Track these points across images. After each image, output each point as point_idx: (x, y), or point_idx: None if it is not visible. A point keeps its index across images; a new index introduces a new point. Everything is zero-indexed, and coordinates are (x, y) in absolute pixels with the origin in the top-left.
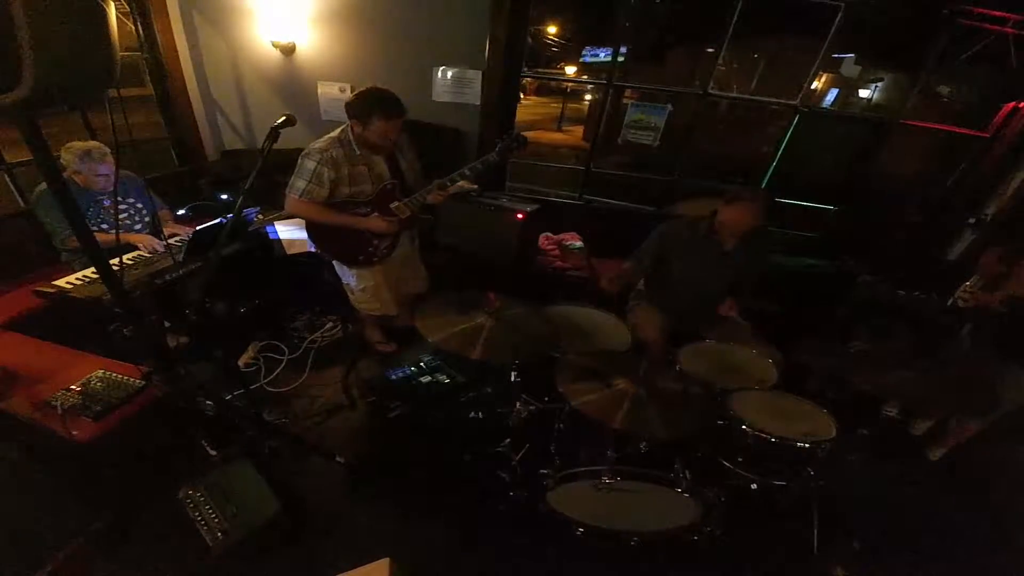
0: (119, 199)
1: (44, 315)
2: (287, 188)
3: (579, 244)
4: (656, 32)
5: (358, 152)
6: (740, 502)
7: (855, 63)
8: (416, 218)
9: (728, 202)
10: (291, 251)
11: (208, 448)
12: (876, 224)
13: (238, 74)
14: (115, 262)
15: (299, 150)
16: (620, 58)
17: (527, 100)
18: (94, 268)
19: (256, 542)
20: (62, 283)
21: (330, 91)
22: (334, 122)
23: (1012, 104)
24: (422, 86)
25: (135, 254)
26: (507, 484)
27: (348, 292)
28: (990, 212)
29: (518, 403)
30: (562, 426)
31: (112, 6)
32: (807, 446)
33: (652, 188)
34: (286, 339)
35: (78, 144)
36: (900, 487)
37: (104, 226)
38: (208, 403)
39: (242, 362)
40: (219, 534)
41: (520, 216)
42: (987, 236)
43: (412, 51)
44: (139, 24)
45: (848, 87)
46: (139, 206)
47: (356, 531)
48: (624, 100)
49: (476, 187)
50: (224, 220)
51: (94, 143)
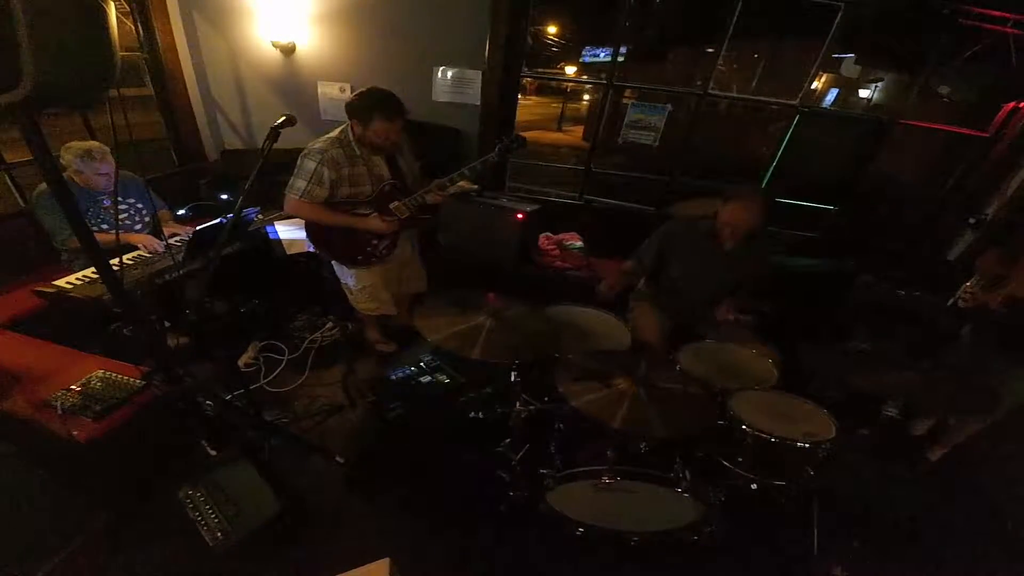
0: (119, 199)
1: (44, 315)
2: (287, 188)
3: (579, 244)
4: (656, 32)
5: (358, 152)
6: (740, 502)
7: (855, 63)
8: (416, 218)
9: (726, 200)
10: (291, 251)
11: (208, 448)
12: (876, 224)
13: (238, 74)
14: (115, 262)
15: (299, 150)
16: (620, 58)
17: (527, 100)
18: (94, 268)
19: (256, 542)
20: (62, 283)
21: (330, 91)
22: (334, 122)
23: (1012, 104)
24: (422, 86)
25: (135, 254)
26: (507, 484)
27: (347, 292)
28: (990, 212)
29: (518, 403)
30: (562, 426)
31: (112, 6)
32: (807, 446)
33: (652, 188)
34: (286, 339)
35: (78, 144)
36: (900, 487)
37: (104, 226)
38: (208, 403)
39: (242, 362)
40: (219, 534)
41: (520, 216)
42: (987, 236)
43: (412, 51)
44: (139, 24)
45: (848, 87)
46: (139, 206)
47: (356, 531)
48: (624, 100)
49: (476, 187)
50: (224, 220)
51: (94, 143)
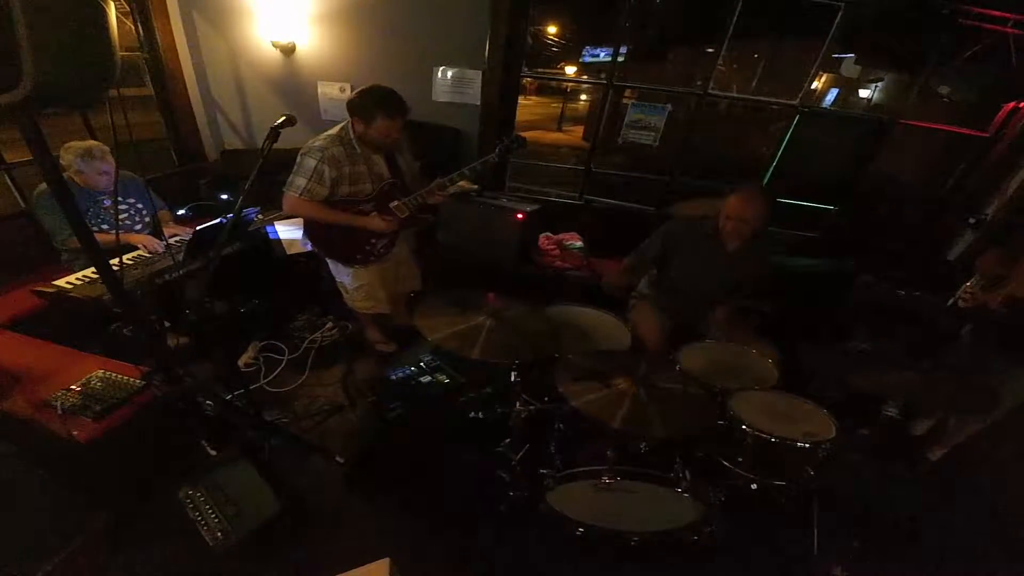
0: (119, 199)
1: (44, 315)
2: (285, 186)
3: (579, 244)
4: (656, 32)
5: (359, 150)
6: (740, 502)
7: (855, 63)
8: (415, 217)
9: (730, 193)
10: (291, 251)
11: (208, 448)
12: (876, 224)
13: (238, 74)
14: (115, 262)
15: (299, 150)
16: (620, 58)
17: (527, 100)
18: (94, 268)
19: (256, 542)
20: (62, 283)
21: (330, 91)
22: (334, 122)
23: (1012, 104)
24: (422, 86)
25: (135, 254)
26: (507, 484)
27: (342, 291)
28: (990, 212)
29: (518, 403)
30: (562, 426)
31: (112, 6)
32: (807, 446)
33: (652, 188)
34: (286, 339)
35: (77, 144)
36: (900, 487)
37: (104, 226)
38: (208, 403)
39: (242, 362)
40: (219, 534)
41: (520, 216)
42: (987, 236)
43: (412, 51)
44: (139, 24)
45: (848, 87)
46: (139, 206)
47: (356, 531)
48: (624, 100)
49: (476, 187)
50: (224, 220)
51: (93, 142)
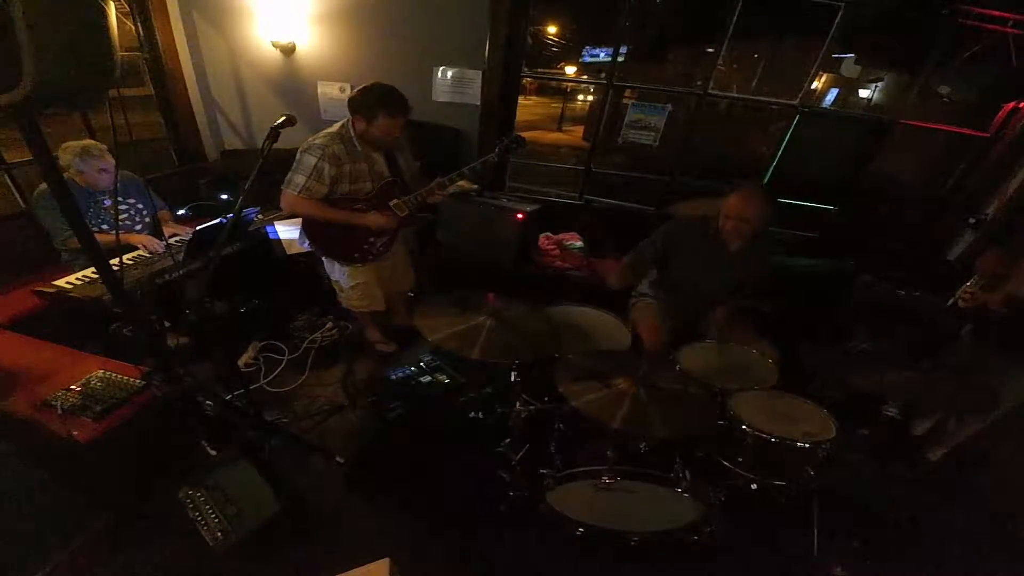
0: (119, 199)
1: (44, 315)
2: (284, 184)
3: (579, 244)
4: (656, 32)
5: (359, 148)
6: (740, 502)
7: (855, 63)
8: (414, 216)
9: (729, 193)
10: (291, 251)
11: (208, 448)
12: (876, 224)
13: (238, 74)
14: (115, 262)
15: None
16: (620, 58)
17: (527, 100)
18: (94, 268)
19: (256, 542)
20: (62, 283)
21: (330, 91)
22: (334, 122)
23: (1012, 104)
24: (422, 86)
25: (135, 254)
26: (507, 484)
27: (337, 289)
28: (990, 212)
29: (518, 403)
30: (562, 426)
31: (112, 6)
32: (807, 446)
33: (652, 188)
34: (286, 339)
35: (74, 143)
36: (900, 487)
37: (104, 226)
38: (208, 403)
39: (242, 362)
40: (219, 534)
41: (520, 216)
42: (987, 236)
43: (412, 51)
44: (139, 24)
45: (848, 87)
46: (139, 206)
47: (356, 531)
48: (624, 100)
49: (476, 187)
50: (224, 220)
51: (90, 141)
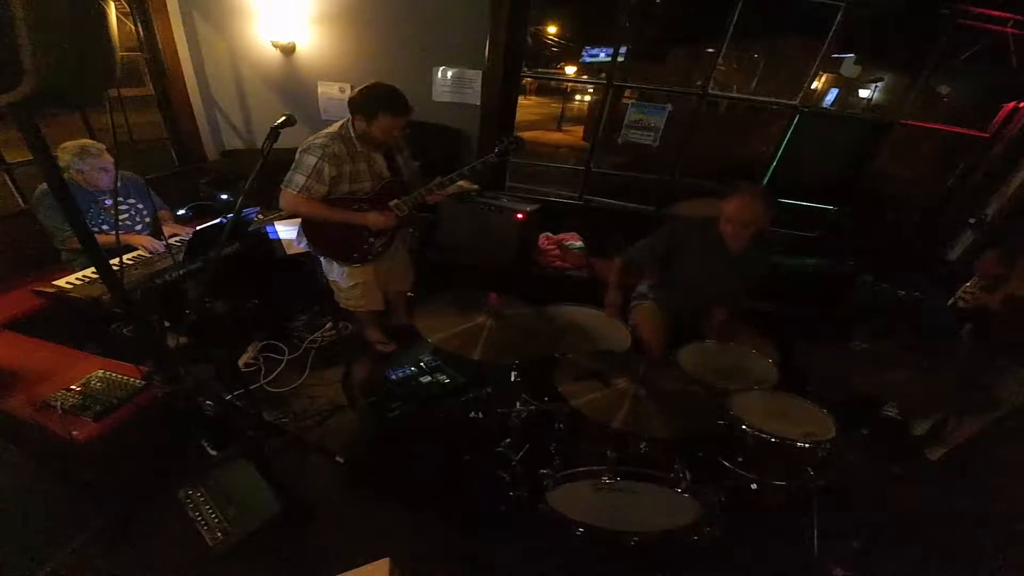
0: (120, 199)
1: (44, 315)
2: (283, 183)
3: (579, 244)
4: (656, 32)
5: (359, 148)
6: (740, 502)
7: (855, 63)
8: (413, 216)
9: (729, 197)
10: (291, 251)
11: (208, 448)
12: (876, 224)
13: (238, 74)
14: (115, 262)
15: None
16: (620, 58)
17: (527, 100)
18: (94, 268)
19: (256, 542)
20: (62, 283)
21: (330, 91)
22: (334, 122)
23: (1012, 104)
24: (422, 86)
25: (135, 254)
26: (507, 484)
27: (335, 289)
28: (990, 212)
29: (518, 403)
30: (562, 426)
31: (112, 6)
32: (807, 446)
33: (652, 188)
34: (286, 339)
35: (72, 143)
36: (900, 487)
37: (104, 227)
38: (208, 403)
39: (242, 362)
40: (219, 534)
41: (520, 216)
42: (987, 236)
43: (412, 51)
44: (139, 24)
45: (848, 87)
46: (140, 207)
47: (356, 531)
48: (624, 100)
49: (476, 187)
50: (224, 220)
51: (87, 140)
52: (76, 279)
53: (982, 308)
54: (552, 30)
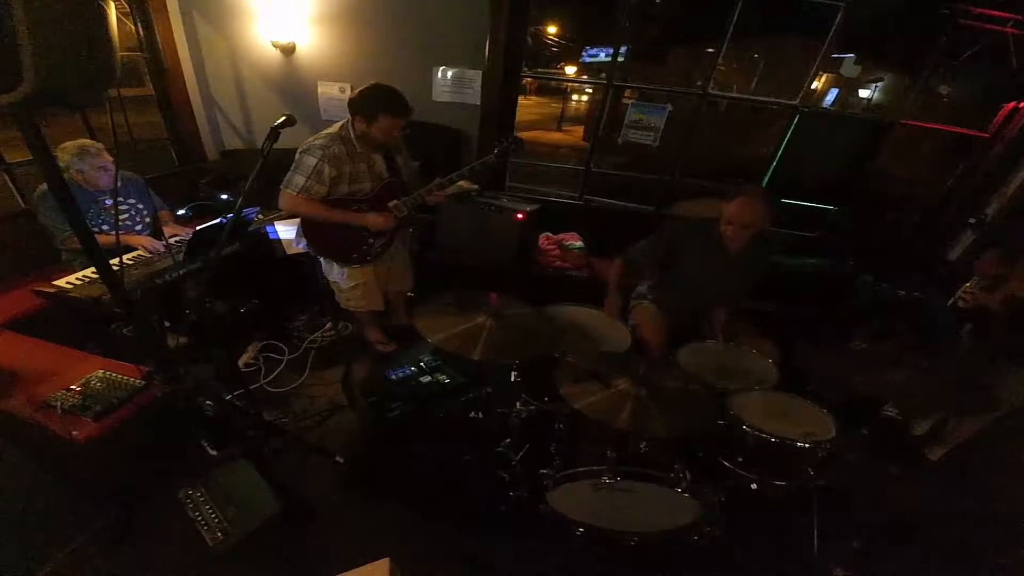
0: (120, 199)
1: (44, 315)
2: (283, 184)
3: (579, 244)
4: (656, 32)
5: (359, 149)
6: (740, 502)
7: (855, 63)
8: (413, 217)
9: (730, 199)
10: (291, 251)
11: (208, 448)
12: (876, 224)
13: (238, 74)
14: (115, 262)
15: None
16: (620, 58)
17: (527, 100)
18: (94, 268)
19: (256, 542)
20: (62, 283)
21: (330, 91)
22: (334, 122)
23: (1012, 104)
24: (422, 86)
25: (135, 254)
26: (507, 484)
27: (335, 290)
28: (990, 212)
29: (518, 403)
30: (562, 426)
31: (112, 6)
32: (807, 446)
33: (652, 188)
34: (286, 339)
35: (71, 143)
36: (900, 487)
37: (105, 227)
38: (208, 403)
39: (242, 362)
40: (219, 534)
41: (520, 216)
42: (987, 236)
43: (412, 51)
44: (139, 24)
45: (848, 87)
46: (140, 207)
47: (356, 531)
48: (624, 100)
49: (476, 187)
50: (224, 220)
51: (86, 140)
52: (76, 279)
53: (982, 308)
54: (552, 30)
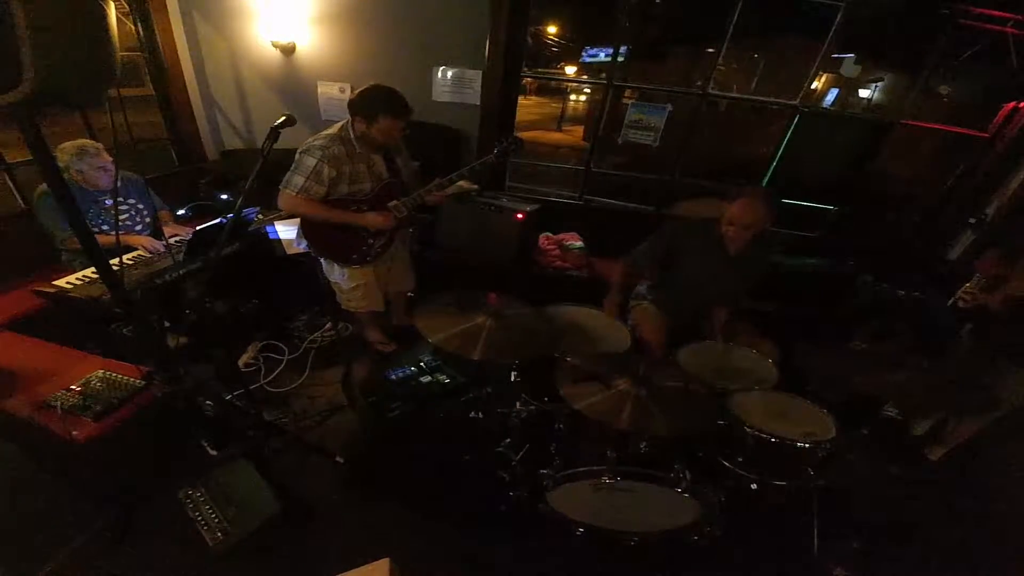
0: (120, 199)
1: (44, 315)
2: (282, 184)
3: (579, 244)
4: (656, 32)
5: (359, 150)
6: (740, 502)
7: (855, 63)
8: (413, 217)
9: (732, 199)
10: (291, 251)
11: (208, 448)
12: (876, 224)
13: (238, 74)
14: (115, 262)
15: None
16: (620, 58)
17: (527, 100)
18: (94, 268)
19: (256, 542)
20: (62, 283)
21: (330, 91)
22: (334, 122)
23: (1012, 104)
24: (422, 86)
25: (135, 254)
26: (507, 484)
27: (336, 291)
28: (990, 212)
29: (518, 403)
30: (562, 426)
31: (112, 6)
32: (807, 446)
33: (652, 188)
34: (286, 339)
35: (70, 144)
36: (900, 487)
37: (105, 227)
38: (208, 403)
39: (242, 362)
40: (219, 534)
41: (520, 216)
42: (987, 236)
43: (412, 51)
44: (139, 24)
45: (848, 87)
46: (140, 207)
47: (356, 531)
48: (624, 100)
49: (476, 187)
50: (224, 220)
51: (85, 140)
52: (76, 279)
53: (982, 308)
54: (552, 30)
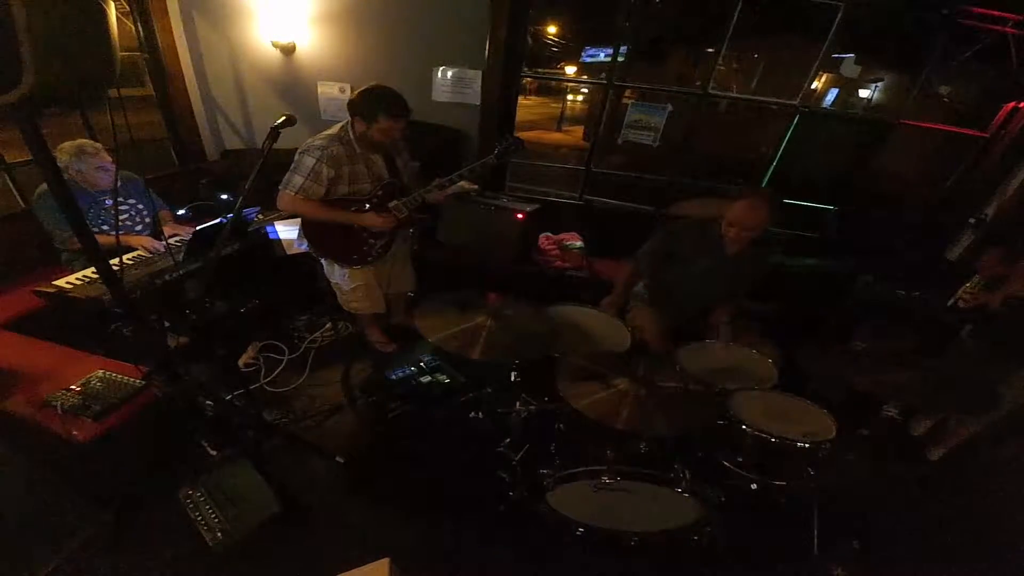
0: (120, 200)
1: (44, 315)
2: (281, 184)
3: (579, 244)
4: (656, 32)
5: (358, 150)
6: (740, 502)
7: (855, 63)
8: (413, 217)
9: (736, 199)
10: (291, 251)
11: (208, 448)
12: (876, 224)
13: (238, 74)
14: (115, 262)
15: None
16: (620, 58)
17: (527, 100)
18: (94, 268)
19: (256, 542)
20: (62, 283)
21: (330, 91)
22: (334, 122)
23: (1012, 104)
24: (422, 86)
25: (135, 254)
26: (507, 484)
27: (337, 291)
28: (990, 212)
29: (518, 403)
30: (562, 426)
31: (112, 6)
32: (807, 446)
33: (652, 188)
34: (286, 339)
35: (69, 144)
36: (900, 487)
37: (105, 227)
38: (208, 403)
39: (242, 362)
40: (219, 534)
41: (520, 216)
42: (987, 236)
43: (412, 51)
44: (139, 24)
45: (848, 87)
46: (140, 207)
47: (356, 531)
48: (624, 100)
49: (476, 187)
50: (224, 220)
51: (84, 140)
52: (76, 279)
53: (982, 308)
54: (552, 30)
